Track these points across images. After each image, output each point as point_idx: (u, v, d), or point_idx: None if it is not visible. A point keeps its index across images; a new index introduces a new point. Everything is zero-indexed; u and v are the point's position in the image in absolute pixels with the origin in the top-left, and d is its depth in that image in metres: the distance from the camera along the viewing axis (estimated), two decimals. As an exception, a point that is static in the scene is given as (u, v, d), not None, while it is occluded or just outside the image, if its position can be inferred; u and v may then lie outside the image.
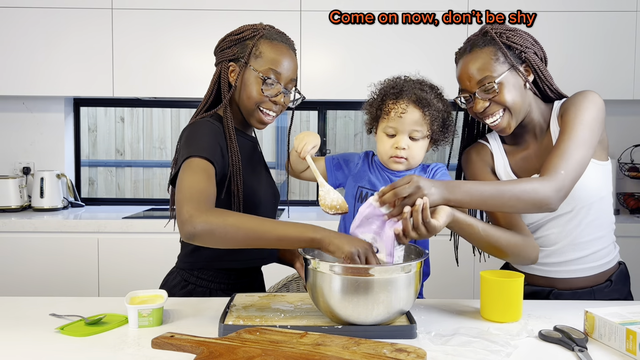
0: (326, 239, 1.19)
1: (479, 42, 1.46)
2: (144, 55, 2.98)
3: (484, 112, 1.45)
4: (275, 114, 1.49)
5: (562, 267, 1.52)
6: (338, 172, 1.60)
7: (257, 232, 1.21)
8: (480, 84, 1.43)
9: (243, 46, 1.45)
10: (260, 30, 1.46)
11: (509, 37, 1.45)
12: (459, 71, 1.49)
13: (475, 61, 1.44)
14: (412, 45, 2.98)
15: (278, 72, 1.44)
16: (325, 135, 3.54)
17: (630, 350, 1.06)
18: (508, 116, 1.45)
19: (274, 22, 3.00)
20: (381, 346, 0.99)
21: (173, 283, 1.52)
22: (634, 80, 2.94)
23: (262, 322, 1.19)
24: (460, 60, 1.50)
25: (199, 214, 1.20)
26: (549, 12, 2.96)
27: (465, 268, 2.77)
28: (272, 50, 1.44)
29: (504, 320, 1.27)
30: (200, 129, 1.40)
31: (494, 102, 1.43)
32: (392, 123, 1.46)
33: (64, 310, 1.30)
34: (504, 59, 1.43)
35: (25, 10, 2.97)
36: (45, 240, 2.78)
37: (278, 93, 1.45)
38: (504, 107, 1.44)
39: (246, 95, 1.45)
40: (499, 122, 1.46)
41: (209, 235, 1.19)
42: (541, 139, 1.53)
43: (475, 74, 1.43)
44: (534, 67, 1.47)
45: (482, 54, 1.44)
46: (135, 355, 1.06)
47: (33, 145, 3.31)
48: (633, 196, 3.21)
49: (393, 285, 1.14)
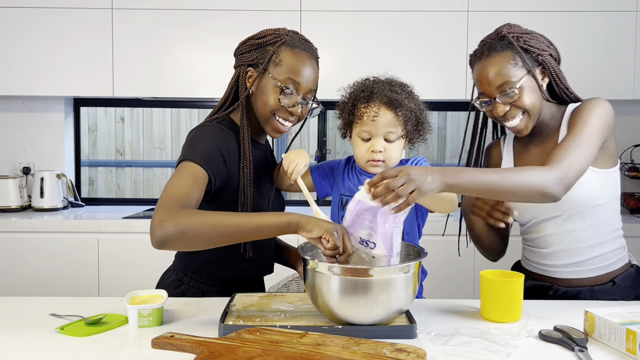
0: (302, 220, 1.19)
1: (497, 46, 1.46)
2: (144, 55, 2.98)
3: (505, 116, 1.46)
4: (291, 124, 1.46)
5: (560, 269, 1.54)
6: (324, 182, 1.60)
7: (233, 226, 1.18)
8: (501, 89, 1.43)
9: (263, 52, 1.41)
10: (283, 36, 1.42)
11: (525, 41, 1.46)
12: (477, 75, 1.49)
13: (494, 66, 1.44)
14: (412, 45, 2.98)
15: (297, 82, 1.40)
16: (325, 135, 3.54)
17: (630, 350, 1.06)
18: (527, 118, 1.47)
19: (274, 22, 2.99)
20: (381, 346, 0.99)
21: (168, 282, 1.52)
22: (634, 80, 2.94)
23: (262, 322, 1.19)
24: (477, 63, 1.49)
25: (169, 218, 1.16)
26: (549, 12, 2.96)
27: (465, 268, 2.77)
28: (293, 59, 1.40)
29: (504, 320, 1.27)
30: (203, 134, 1.37)
31: (514, 106, 1.45)
32: (366, 127, 1.45)
33: (64, 310, 1.30)
34: (522, 63, 1.44)
35: (26, 11, 2.97)
36: (45, 240, 2.78)
37: (296, 103, 1.41)
38: (523, 110, 1.46)
39: (262, 102, 1.41)
40: (518, 125, 1.47)
41: (181, 237, 1.16)
42: (547, 141, 1.55)
43: (494, 79, 1.43)
44: (550, 71, 1.49)
45: (500, 59, 1.44)
46: (135, 355, 1.06)
47: (33, 145, 3.31)
48: (633, 196, 3.21)
49: (392, 286, 1.14)
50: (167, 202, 1.20)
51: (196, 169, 1.29)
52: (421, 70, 2.97)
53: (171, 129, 4.57)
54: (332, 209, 1.58)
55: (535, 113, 1.48)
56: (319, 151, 3.49)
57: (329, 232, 1.16)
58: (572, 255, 1.52)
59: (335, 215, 1.55)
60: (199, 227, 1.17)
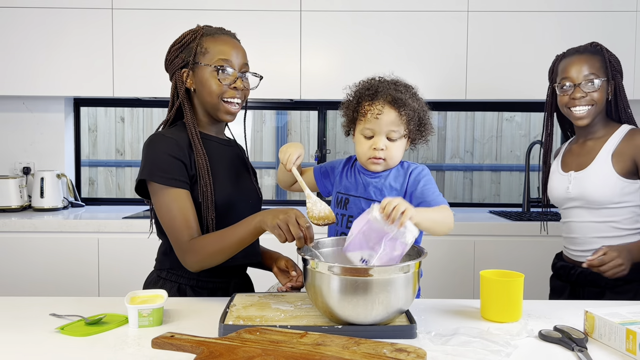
0: (260, 222, 1.32)
1: (590, 49, 1.79)
2: (144, 55, 2.98)
3: (579, 100, 1.74)
4: (240, 101, 1.52)
5: (578, 253, 1.80)
6: (326, 181, 1.62)
7: (230, 244, 1.35)
8: (587, 78, 1.74)
9: (188, 50, 1.50)
10: (199, 30, 1.51)
11: (611, 56, 1.79)
12: (568, 63, 1.78)
13: (587, 60, 1.76)
14: (412, 45, 2.98)
15: (228, 60, 1.48)
16: (325, 135, 3.54)
17: (630, 350, 1.06)
18: (593, 110, 1.76)
19: (274, 22, 2.99)
20: (381, 346, 0.99)
21: (149, 280, 1.57)
22: (634, 80, 2.94)
23: (262, 322, 1.19)
24: (569, 57, 1.79)
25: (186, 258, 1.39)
26: (549, 12, 2.96)
27: (465, 268, 2.77)
28: (216, 43, 1.49)
29: (504, 320, 1.27)
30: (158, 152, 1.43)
31: (589, 96, 1.74)
32: (369, 125, 1.47)
33: (64, 310, 1.30)
34: (605, 70, 1.76)
35: (26, 10, 2.97)
36: (45, 240, 2.78)
37: (235, 78, 1.49)
38: (593, 104, 1.75)
39: (206, 91, 1.48)
40: (583, 113, 1.75)
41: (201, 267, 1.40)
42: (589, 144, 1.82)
43: (585, 68, 1.74)
44: (618, 89, 1.79)
45: (592, 58, 1.76)
46: (135, 355, 1.06)
47: (33, 145, 3.31)
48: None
49: (392, 286, 1.14)
50: (178, 240, 1.40)
51: (174, 192, 1.41)
52: (421, 70, 2.97)
53: (171, 129, 4.57)
54: (332, 207, 1.58)
55: (598, 111, 1.77)
56: (319, 151, 3.49)
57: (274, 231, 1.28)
58: (586, 243, 1.77)
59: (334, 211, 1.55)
60: (210, 257, 1.37)
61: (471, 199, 4.27)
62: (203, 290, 1.51)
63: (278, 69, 2.95)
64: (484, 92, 2.97)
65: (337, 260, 1.34)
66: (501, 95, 2.99)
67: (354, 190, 1.54)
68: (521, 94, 2.99)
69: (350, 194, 1.54)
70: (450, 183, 4.32)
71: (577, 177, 1.79)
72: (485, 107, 3.53)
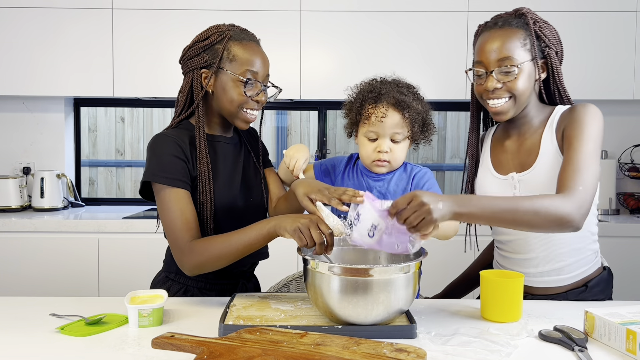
0: (276, 226, 1.27)
1: (512, 22, 1.42)
2: (144, 55, 2.98)
3: (493, 93, 1.42)
4: (257, 112, 1.50)
5: (537, 277, 1.50)
6: (326, 179, 1.61)
7: (234, 249, 1.31)
8: (501, 63, 1.40)
9: (213, 51, 1.44)
10: (226, 32, 1.45)
11: (540, 28, 1.43)
12: (482, 43, 1.45)
13: (504, 39, 1.40)
14: (412, 45, 2.98)
15: (255, 72, 1.44)
16: (325, 135, 3.54)
17: (630, 350, 1.06)
18: (512, 103, 1.43)
19: (274, 22, 2.99)
20: (381, 346, 0.99)
21: (157, 280, 1.56)
22: (634, 80, 2.94)
23: (262, 322, 1.19)
24: (485, 32, 1.45)
25: (185, 259, 1.36)
26: (549, 12, 2.95)
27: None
28: (245, 51, 1.44)
29: (504, 320, 1.27)
30: (162, 151, 1.41)
31: (505, 86, 1.41)
32: (373, 127, 1.47)
33: (64, 310, 1.30)
34: (529, 47, 1.41)
35: (26, 10, 2.97)
36: (45, 240, 2.78)
37: (259, 92, 1.46)
38: (512, 95, 1.42)
39: (227, 99, 1.44)
40: (500, 106, 1.43)
41: (200, 270, 1.37)
42: (524, 138, 1.51)
43: (498, 51, 1.40)
44: (552, 66, 1.45)
45: (512, 34, 1.40)
46: (135, 355, 1.06)
47: (33, 145, 3.31)
48: (633, 196, 3.20)
49: (392, 286, 1.14)
50: (177, 241, 1.37)
51: (175, 192, 1.38)
52: (421, 70, 2.97)
53: (171, 129, 4.57)
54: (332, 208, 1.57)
55: (522, 101, 1.44)
56: (319, 151, 3.49)
57: (294, 235, 1.23)
58: (550, 262, 1.47)
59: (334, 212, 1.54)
60: (210, 261, 1.34)
61: (471, 199, 4.26)
62: (211, 292, 1.50)
63: (278, 69, 2.94)
64: (484, 92, 2.97)
65: (339, 258, 1.34)
66: (501, 95, 2.99)
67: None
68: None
69: None
70: (450, 183, 4.32)
71: (522, 179, 1.46)
72: (485, 107, 3.53)
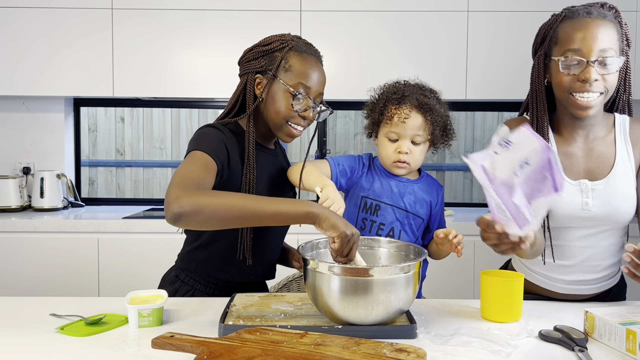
0: (322, 214, 1.17)
1: (608, 15, 1.31)
2: (144, 55, 2.98)
3: (590, 85, 1.27)
4: (303, 128, 1.45)
5: (571, 285, 1.44)
6: (343, 179, 1.58)
7: (251, 209, 1.16)
8: (603, 53, 1.27)
9: (271, 58, 1.41)
10: (289, 42, 1.42)
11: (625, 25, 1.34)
12: (580, 29, 1.29)
13: (606, 28, 1.28)
14: (412, 45, 2.98)
15: (308, 87, 1.40)
16: (325, 135, 3.54)
17: (630, 350, 1.06)
18: (602, 99, 1.31)
19: (274, 22, 2.99)
20: (381, 346, 0.99)
21: (167, 277, 1.55)
22: (634, 80, 2.94)
23: (262, 322, 1.19)
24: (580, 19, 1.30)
25: (186, 194, 1.15)
26: (548, 12, 2.95)
27: (465, 268, 2.77)
28: (302, 64, 1.40)
29: (504, 320, 1.27)
30: (211, 131, 1.38)
31: (603, 80, 1.29)
32: (395, 128, 1.48)
33: (64, 310, 1.30)
34: (621, 44, 1.31)
35: (26, 10, 2.97)
36: (45, 240, 2.78)
37: (307, 108, 1.41)
38: (605, 90, 1.30)
39: (274, 109, 1.41)
40: (593, 101, 1.30)
41: (196, 214, 1.14)
42: (594, 144, 1.40)
43: (602, 40, 1.26)
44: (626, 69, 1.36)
45: (611, 26, 1.29)
46: (135, 355, 1.06)
47: (33, 145, 3.31)
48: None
49: (392, 286, 1.14)
50: (182, 181, 1.20)
51: (206, 158, 1.30)
52: (421, 70, 2.96)
53: (171, 129, 4.57)
54: (348, 207, 1.55)
55: (606, 100, 1.33)
56: (318, 151, 3.49)
57: (340, 238, 1.17)
58: (587, 272, 1.40)
59: (352, 215, 1.55)
60: (216, 206, 1.15)
61: (471, 199, 4.27)
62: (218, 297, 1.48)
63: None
64: (484, 92, 2.97)
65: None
66: (501, 95, 2.99)
67: (387, 198, 1.53)
68: (521, 94, 2.98)
69: (382, 201, 1.53)
70: (450, 183, 4.32)
71: (595, 188, 1.35)
72: (485, 107, 3.53)
